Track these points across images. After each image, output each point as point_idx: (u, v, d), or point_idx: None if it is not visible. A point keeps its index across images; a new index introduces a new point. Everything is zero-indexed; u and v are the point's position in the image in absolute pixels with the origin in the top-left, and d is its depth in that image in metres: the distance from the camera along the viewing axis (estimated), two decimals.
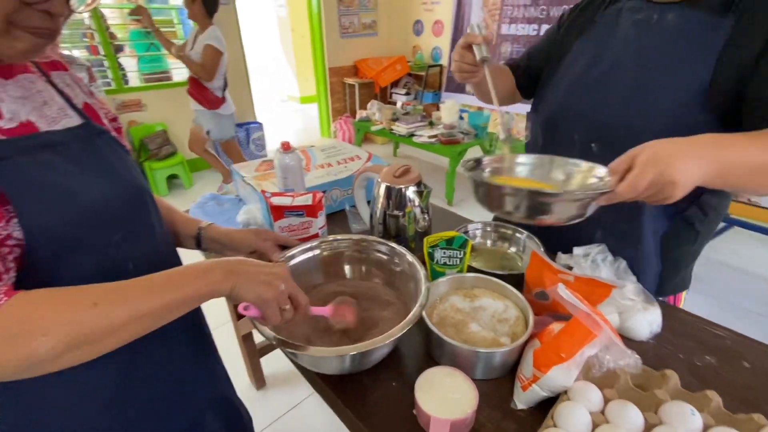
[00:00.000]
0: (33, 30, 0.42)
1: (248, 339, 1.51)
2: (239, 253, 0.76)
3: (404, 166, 0.89)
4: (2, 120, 0.44)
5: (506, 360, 0.61)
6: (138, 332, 0.45)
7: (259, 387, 1.63)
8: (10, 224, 0.41)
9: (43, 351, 0.38)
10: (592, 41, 0.84)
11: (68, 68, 0.58)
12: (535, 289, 0.70)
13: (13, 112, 0.45)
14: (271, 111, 6.19)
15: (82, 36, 3.68)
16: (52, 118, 0.49)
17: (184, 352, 0.64)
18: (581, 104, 0.83)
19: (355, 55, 4.73)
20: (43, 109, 0.49)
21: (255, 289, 0.50)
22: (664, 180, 0.50)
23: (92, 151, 0.52)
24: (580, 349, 0.52)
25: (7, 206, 0.41)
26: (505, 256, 0.94)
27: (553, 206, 0.56)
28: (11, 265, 0.41)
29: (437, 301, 0.71)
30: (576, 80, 0.85)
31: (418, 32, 4.65)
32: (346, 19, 4.48)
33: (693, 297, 0.91)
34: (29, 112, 0.47)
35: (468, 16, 3.88)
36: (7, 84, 0.46)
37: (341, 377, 0.64)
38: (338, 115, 4.78)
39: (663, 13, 0.73)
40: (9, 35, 0.41)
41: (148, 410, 0.58)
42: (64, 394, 0.50)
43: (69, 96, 0.55)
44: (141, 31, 3.71)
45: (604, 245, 0.75)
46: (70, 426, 0.52)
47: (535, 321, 0.63)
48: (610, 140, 0.78)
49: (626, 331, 0.69)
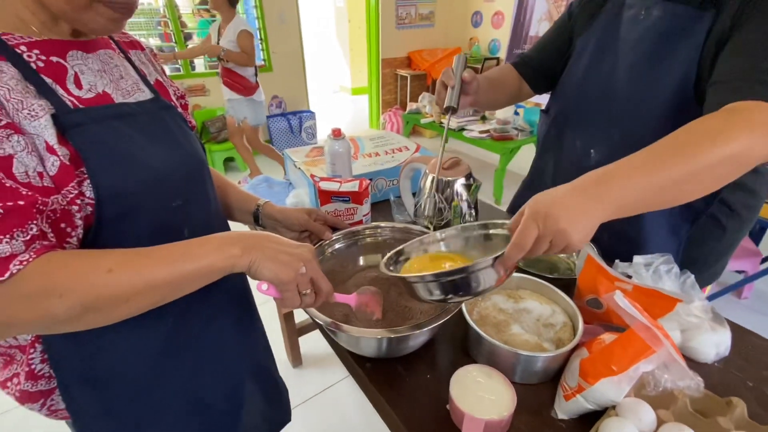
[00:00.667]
0: (113, 4, 0.45)
1: (289, 318, 1.57)
2: (292, 231, 0.78)
3: (453, 158, 0.87)
4: (81, 90, 0.48)
5: (549, 366, 0.58)
6: (154, 301, 0.45)
7: (295, 365, 1.70)
8: (83, 185, 0.45)
9: (60, 312, 0.39)
10: (594, 39, 0.81)
11: (144, 48, 0.63)
12: (587, 295, 0.66)
13: (91, 84, 0.49)
14: (322, 101, 6.33)
15: (157, 24, 3.97)
16: (126, 91, 0.54)
17: (229, 318, 0.67)
18: (582, 107, 0.81)
19: (409, 46, 4.68)
20: (119, 82, 0.53)
21: (273, 269, 0.48)
22: (550, 232, 0.46)
23: (159, 124, 0.56)
24: (635, 364, 0.48)
25: (81, 168, 0.45)
26: (555, 259, 0.89)
27: (457, 283, 0.50)
28: (79, 223, 0.45)
29: (479, 298, 0.69)
30: (579, 82, 0.82)
31: (477, 24, 4.50)
32: (404, 9, 4.44)
33: (761, 320, 0.83)
34: (106, 84, 0.51)
35: (532, 7, 3.69)
36: (88, 57, 0.50)
37: (376, 362, 0.64)
38: (388, 107, 4.77)
39: (648, 9, 0.71)
40: (92, 9, 0.45)
41: (195, 367, 0.62)
42: (121, 342, 0.54)
43: (143, 73, 0.59)
44: (209, 20, 3.94)
45: (670, 255, 0.69)
46: (126, 371, 0.57)
47: (585, 329, 0.60)
48: (609, 146, 0.77)
49: (688, 351, 0.63)
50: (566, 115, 0.86)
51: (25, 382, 0.53)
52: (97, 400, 0.56)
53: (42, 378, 0.54)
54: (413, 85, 4.66)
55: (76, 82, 0.48)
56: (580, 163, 0.82)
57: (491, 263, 0.48)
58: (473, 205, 0.86)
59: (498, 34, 4.30)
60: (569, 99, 0.85)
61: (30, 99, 0.42)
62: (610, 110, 0.77)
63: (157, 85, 0.61)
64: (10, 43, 0.43)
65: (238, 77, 2.77)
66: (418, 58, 4.62)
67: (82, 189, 0.45)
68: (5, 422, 1.46)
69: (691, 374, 0.51)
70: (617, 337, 0.51)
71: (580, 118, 0.83)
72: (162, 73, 0.64)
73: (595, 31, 0.81)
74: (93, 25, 0.46)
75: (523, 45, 3.84)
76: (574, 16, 0.87)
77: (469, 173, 0.85)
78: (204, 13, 4.36)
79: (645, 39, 0.71)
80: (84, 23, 0.46)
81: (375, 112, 4.99)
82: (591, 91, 0.80)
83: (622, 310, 0.49)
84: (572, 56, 0.86)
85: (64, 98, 0.46)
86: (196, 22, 4.35)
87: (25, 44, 0.44)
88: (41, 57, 0.45)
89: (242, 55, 2.67)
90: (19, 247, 0.38)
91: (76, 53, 0.49)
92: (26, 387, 0.54)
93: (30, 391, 0.54)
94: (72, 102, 0.46)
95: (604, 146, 0.78)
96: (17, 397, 0.55)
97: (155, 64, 0.64)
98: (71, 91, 0.47)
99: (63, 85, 0.46)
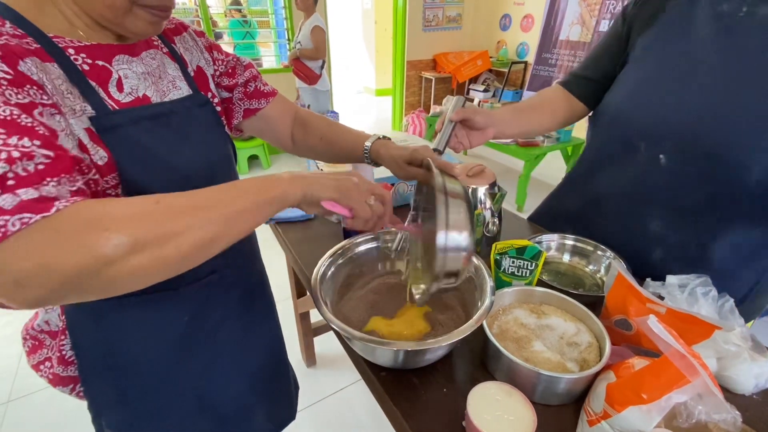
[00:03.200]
0: (151, 8, 0.47)
1: (305, 317, 1.58)
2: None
3: (479, 166, 0.85)
4: (122, 94, 0.49)
5: (572, 388, 0.56)
6: (203, 238, 0.39)
7: (309, 365, 1.70)
8: (117, 189, 0.47)
9: (109, 248, 0.34)
10: (662, 37, 0.73)
11: (188, 27, 0.64)
12: (615, 315, 0.63)
13: (133, 87, 0.51)
14: (346, 101, 6.37)
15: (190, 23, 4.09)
16: (163, 92, 0.55)
17: (243, 320, 0.68)
18: (650, 110, 0.73)
19: (435, 48, 4.65)
20: (158, 84, 0.55)
21: (329, 185, 0.48)
22: None
23: (191, 121, 0.57)
24: (667, 393, 0.45)
25: (114, 173, 0.46)
26: (579, 274, 0.86)
27: None
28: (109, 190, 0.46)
29: (499, 311, 0.67)
30: (643, 81, 0.75)
31: (505, 27, 4.43)
32: (431, 12, 4.42)
33: None
34: (147, 86, 0.53)
35: (563, 10, 3.60)
36: (133, 61, 0.52)
37: (391, 372, 0.63)
38: (411, 109, 4.76)
39: (754, 6, 0.62)
40: (131, 14, 0.46)
41: (208, 363, 0.63)
42: (140, 331, 0.56)
43: (185, 61, 0.60)
44: (239, 20, 4.03)
45: (707, 277, 0.65)
46: (143, 360, 0.58)
47: (612, 351, 0.57)
48: (688, 153, 0.69)
49: (725, 380, 0.59)
50: (624, 118, 0.77)
51: (57, 366, 0.56)
52: (113, 388, 0.58)
53: (72, 364, 0.57)
54: (438, 87, 4.63)
55: (118, 86, 0.49)
56: (646, 170, 0.75)
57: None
58: (497, 214, 0.84)
59: (527, 37, 4.22)
60: (629, 101, 0.77)
61: (72, 98, 0.44)
62: (691, 116, 0.68)
63: (197, 73, 0.62)
64: (60, 46, 0.45)
65: (304, 67, 3.10)
66: (444, 60, 4.58)
67: (112, 188, 0.47)
68: (35, 401, 1.53)
69: (728, 407, 0.47)
70: (649, 363, 0.48)
71: (644, 122, 0.74)
72: (207, 50, 0.65)
73: (665, 26, 0.73)
74: (134, 29, 0.48)
75: (553, 49, 3.75)
76: (630, 17, 0.80)
77: (494, 182, 0.83)
78: (235, 14, 4.46)
79: (753, 39, 0.62)
80: (125, 27, 0.48)
81: (398, 113, 4.98)
82: (663, 94, 0.72)
83: (656, 336, 0.46)
84: (632, 56, 0.78)
85: (105, 101, 0.47)
86: (227, 22, 4.46)
87: (74, 47, 0.46)
88: (87, 60, 0.47)
89: (312, 50, 3.03)
90: (65, 194, 0.37)
91: (122, 57, 0.51)
92: (58, 371, 0.57)
93: (61, 375, 0.57)
94: (111, 105, 0.48)
95: (680, 153, 0.70)
96: (50, 380, 0.59)
97: (198, 41, 0.65)
98: (112, 94, 0.48)
99: (105, 88, 0.48)
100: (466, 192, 0.58)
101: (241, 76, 0.70)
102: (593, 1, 3.40)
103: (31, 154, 0.34)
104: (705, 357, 0.57)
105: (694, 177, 0.70)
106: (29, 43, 0.42)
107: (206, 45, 0.66)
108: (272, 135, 0.76)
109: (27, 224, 0.32)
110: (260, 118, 0.73)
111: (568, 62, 3.66)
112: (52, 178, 0.35)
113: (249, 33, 4.25)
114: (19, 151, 0.34)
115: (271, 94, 0.74)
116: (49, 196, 0.35)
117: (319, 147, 0.76)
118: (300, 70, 3.15)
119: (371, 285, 0.75)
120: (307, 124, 0.76)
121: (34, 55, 0.41)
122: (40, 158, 0.35)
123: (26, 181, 0.33)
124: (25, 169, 0.34)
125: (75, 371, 0.58)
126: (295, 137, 0.77)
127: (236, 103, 0.71)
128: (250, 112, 0.72)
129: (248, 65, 0.71)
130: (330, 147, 0.75)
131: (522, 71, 4.25)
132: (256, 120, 0.73)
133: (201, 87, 0.62)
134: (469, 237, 0.50)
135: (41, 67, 0.41)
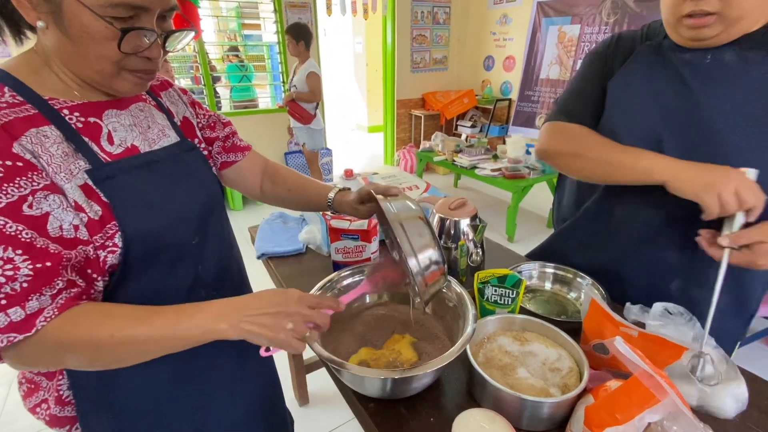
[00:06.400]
0: (137, 72, 0.52)
1: (298, 354, 1.56)
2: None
3: (460, 199, 0.89)
4: (113, 146, 0.54)
5: (554, 412, 0.57)
6: (142, 359, 0.50)
7: (302, 403, 1.66)
8: (114, 237, 0.50)
9: (70, 364, 0.49)
10: (633, 81, 0.75)
11: (173, 85, 0.70)
12: (593, 340, 0.66)
13: (122, 139, 0.55)
14: (340, 138, 6.55)
15: (189, 68, 4.28)
16: (152, 140, 0.60)
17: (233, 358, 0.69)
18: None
19: (423, 88, 4.88)
20: (147, 133, 0.59)
21: (261, 333, 0.48)
22: None
23: (181, 166, 0.62)
24: (639, 413, 0.47)
25: (112, 222, 0.50)
26: (562, 301, 0.89)
27: None
28: (106, 267, 0.50)
29: (484, 339, 0.69)
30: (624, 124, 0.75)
31: (489, 67, 4.68)
32: (418, 54, 4.67)
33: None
34: (135, 137, 0.57)
35: (542, 52, 3.84)
36: (122, 114, 0.57)
37: (379, 403, 0.64)
38: (402, 144, 4.91)
39: (719, 53, 0.67)
40: (119, 76, 0.51)
41: (201, 398, 0.64)
42: (133, 372, 0.57)
43: (172, 113, 0.65)
44: (236, 64, 4.23)
45: (685, 309, 0.68)
46: (137, 400, 0.60)
47: (591, 375, 0.59)
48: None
49: (707, 408, 0.60)
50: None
51: (54, 406, 0.57)
52: (111, 425, 0.58)
53: (69, 404, 0.58)
54: (427, 124, 4.81)
55: (108, 139, 0.54)
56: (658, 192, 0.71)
57: None
58: (479, 245, 0.87)
59: (509, 76, 4.46)
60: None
61: (68, 160, 0.48)
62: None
63: (184, 123, 0.67)
64: (56, 107, 0.49)
65: (299, 108, 3.26)
66: (432, 99, 4.79)
67: (109, 239, 0.50)
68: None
69: (701, 427, 0.49)
70: (621, 384, 0.51)
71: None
72: (191, 105, 0.71)
73: (639, 73, 0.75)
74: (121, 90, 0.53)
75: (534, 87, 3.96)
76: (610, 58, 0.80)
77: (475, 214, 0.88)
78: (233, 59, 4.68)
79: (728, 86, 0.66)
80: (113, 89, 0.53)
81: (390, 149, 5.13)
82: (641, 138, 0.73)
83: (623, 356, 0.48)
84: (607, 99, 0.79)
85: (98, 154, 0.51)
86: (225, 66, 4.67)
87: (67, 107, 0.51)
88: (80, 119, 0.51)
89: (308, 94, 3.19)
90: (46, 301, 0.45)
91: (111, 112, 0.55)
92: (55, 411, 0.57)
93: (59, 416, 0.58)
94: (103, 158, 0.52)
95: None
96: (47, 422, 0.59)
97: (182, 97, 0.71)
98: (104, 147, 0.53)
99: (98, 142, 0.52)
100: (416, 205, 0.60)
101: (222, 131, 0.76)
102: (569, 44, 3.65)
103: (14, 277, 0.42)
104: (681, 384, 0.59)
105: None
106: (28, 109, 0.47)
107: (189, 101, 0.72)
108: (243, 186, 0.82)
109: (12, 342, 0.43)
110: (234, 170, 0.79)
111: (549, 98, 3.87)
112: (34, 294, 0.43)
113: (246, 76, 4.45)
114: (3, 270, 0.41)
115: (246, 149, 0.80)
116: (32, 312, 0.43)
117: (287, 197, 0.81)
118: (295, 110, 3.31)
119: (360, 317, 0.78)
120: (277, 177, 0.82)
121: (32, 121, 0.46)
122: (23, 278, 0.42)
123: (14, 300, 0.42)
124: (13, 289, 0.42)
125: (72, 411, 0.58)
126: (264, 188, 0.82)
127: (214, 156, 0.76)
128: (226, 165, 0.78)
129: (227, 123, 0.78)
130: (298, 197, 0.81)
131: (507, 107, 4.45)
132: (230, 172, 0.79)
133: (188, 134, 0.67)
134: (436, 250, 0.54)
135: (36, 139, 0.46)
